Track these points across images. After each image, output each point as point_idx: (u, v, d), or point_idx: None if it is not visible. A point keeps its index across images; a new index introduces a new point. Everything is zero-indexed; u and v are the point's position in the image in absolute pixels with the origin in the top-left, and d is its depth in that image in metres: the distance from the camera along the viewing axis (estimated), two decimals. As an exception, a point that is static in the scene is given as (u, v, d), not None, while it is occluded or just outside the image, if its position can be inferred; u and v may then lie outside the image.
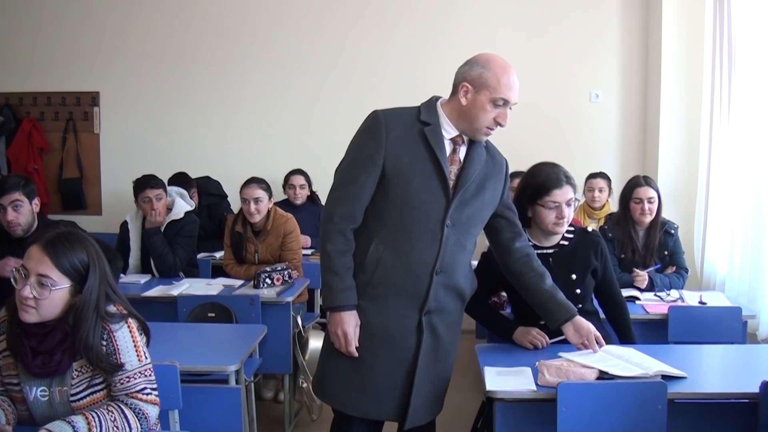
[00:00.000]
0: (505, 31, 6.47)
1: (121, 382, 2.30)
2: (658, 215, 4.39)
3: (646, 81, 6.37)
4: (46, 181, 6.86)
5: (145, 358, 2.36)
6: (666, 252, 4.42)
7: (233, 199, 6.25)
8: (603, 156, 6.47)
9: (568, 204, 3.14)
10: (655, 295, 4.10)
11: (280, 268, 4.40)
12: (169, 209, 4.87)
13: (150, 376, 2.36)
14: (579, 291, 3.21)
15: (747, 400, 2.66)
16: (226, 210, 6.19)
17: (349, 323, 2.66)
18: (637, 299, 4.06)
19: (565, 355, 2.82)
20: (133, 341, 2.32)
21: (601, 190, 5.66)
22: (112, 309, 2.33)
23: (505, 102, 2.61)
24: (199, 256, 5.24)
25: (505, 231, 2.91)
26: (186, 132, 6.78)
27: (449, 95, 2.74)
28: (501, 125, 2.64)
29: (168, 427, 2.76)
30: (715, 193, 5.29)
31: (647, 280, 4.22)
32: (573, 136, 6.47)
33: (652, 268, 4.25)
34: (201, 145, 6.75)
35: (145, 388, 2.33)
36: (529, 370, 2.78)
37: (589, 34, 6.43)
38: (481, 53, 2.70)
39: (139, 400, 2.31)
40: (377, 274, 2.67)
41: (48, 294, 2.21)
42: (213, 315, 4.06)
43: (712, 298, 4.18)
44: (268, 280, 4.34)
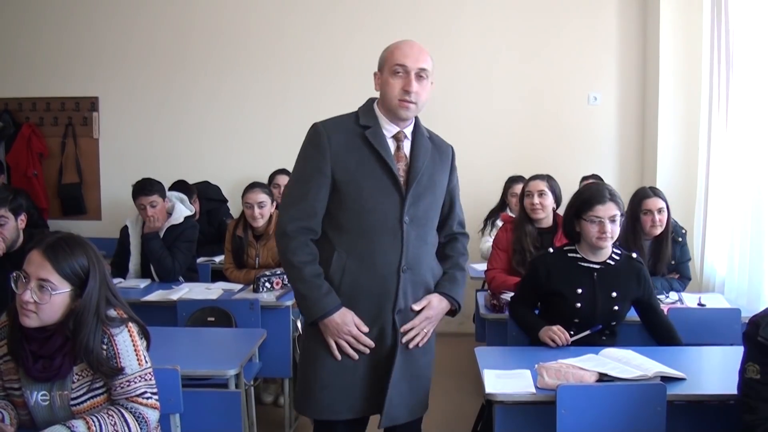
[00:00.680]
0: (504, 35, 6.48)
1: (121, 386, 2.30)
2: (667, 226, 4.36)
3: (645, 83, 6.38)
4: (45, 186, 6.86)
5: (146, 362, 2.36)
6: (673, 261, 4.41)
7: (232, 204, 6.26)
8: (601, 158, 6.49)
9: (612, 220, 3.22)
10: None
11: (279, 272, 4.40)
12: (169, 214, 4.87)
13: (150, 380, 2.36)
14: (617, 308, 3.31)
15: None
16: (226, 215, 6.19)
17: (347, 322, 2.64)
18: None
19: (564, 360, 2.83)
20: (134, 345, 2.33)
21: None
22: (113, 313, 2.34)
23: (403, 68, 2.62)
24: (198, 261, 5.24)
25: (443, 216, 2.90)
26: (185, 137, 6.79)
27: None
28: (407, 91, 2.59)
29: (169, 431, 2.76)
30: (714, 195, 5.29)
31: None
32: (572, 139, 6.49)
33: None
34: (200, 150, 6.76)
35: (145, 392, 2.33)
36: (528, 372, 2.79)
37: (588, 37, 6.44)
38: None
39: (140, 404, 2.31)
40: (344, 282, 2.65)
41: (48, 298, 2.21)
42: (213, 319, 4.06)
43: (712, 300, 4.18)
44: (267, 284, 4.35)
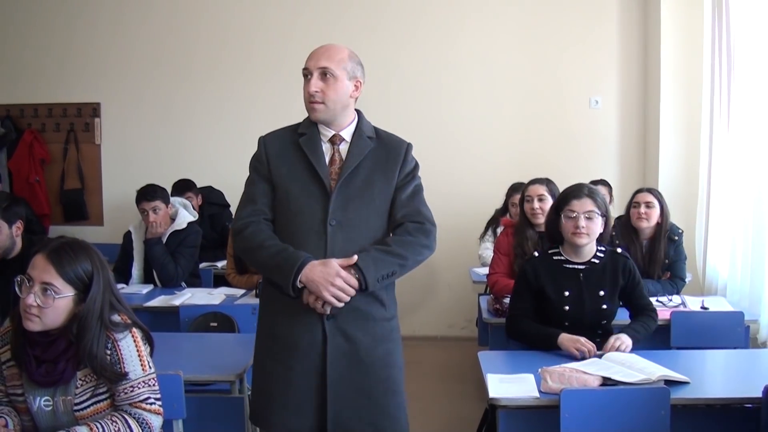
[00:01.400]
0: (505, 39, 6.49)
1: (125, 391, 2.30)
2: (660, 226, 4.41)
3: (646, 86, 6.38)
4: (47, 192, 6.86)
5: (149, 367, 2.36)
6: (667, 260, 4.43)
7: (234, 209, 6.26)
8: (603, 162, 6.48)
9: (588, 216, 3.25)
10: (657, 300, 4.08)
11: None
12: (172, 219, 4.87)
13: (154, 385, 2.36)
14: (605, 307, 3.31)
15: (750, 405, 2.67)
16: (228, 220, 6.19)
17: (330, 265, 2.52)
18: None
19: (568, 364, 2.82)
20: (137, 351, 2.33)
21: None
22: (117, 318, 2.34)
23: (307, 70, 2.67)
24: (201, 266, 5.24)
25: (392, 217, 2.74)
26: (187, 142, 6.79)
27: None
28: (309, 93, 2.63)
29: (172, 437, 2.77)
30: (716, 198, 5.29)
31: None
32: (573, 142, 6.48)
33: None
34: (203, 154, 6.76)
35: (148, 398, 2.33)
36: (531, 377, 2.79)
37: (589, 40, 6.44)
38: None
39: (143, 409, 2.31)
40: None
41: (51, 302, 2.22)
42: (215, 324, 4.05)
43: (714, 303, 4.18)
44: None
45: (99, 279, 2.29)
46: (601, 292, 3.29)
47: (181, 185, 5.89)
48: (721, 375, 3.17)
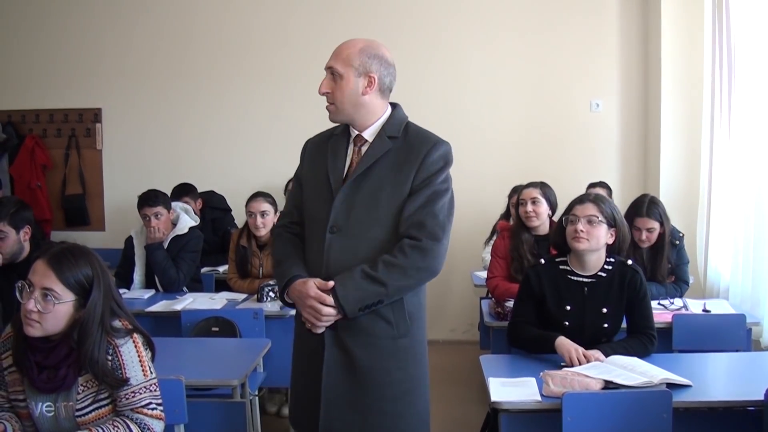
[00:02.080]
0: (505, 41, 6.49)
1: (126, 397, 2.30)
2: (660, 240, 4.35)
3: (647, 89, 6.39)
4: (49, 197, 6.86)
5: (150, 373, 2.36)
6: (670, 265, 4.41)
7: (237, 213, 6.26)
8: (604, 165, 6.48)
9: (589, 221, 3.15)
10: (659, 303, 4.08)
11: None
12: (173, 224, 4.88)
13: (155, 391, 2.37)
14: (606, 326, 3.18)
15: (752, 408, 2.66)
16: (230, 224, 6.20)
17: (308, 286, 2.46)
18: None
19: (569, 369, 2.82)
20: (139, 356, 2.33)
21: None
22: (118, 324, 2.34)
23: (328, 68, 2.57)
24: (202, 271, 5.25)
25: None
26: (189, 147, 6.79)
27: None
28: (321, 94, 2.56)
29: (174, 442, 2.77)
30: (717, 201, 5.29)
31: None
32: (574, 146, 6.48)
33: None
34: (204, 159, 6.76)
35: (150, 403, 2.33)
36: (533, 380, 2.79)
37: (590, 44, 6.44)
38: None
39: (145, 415, 2.31)
40: None
41: (52, 308, 2.22)
42: (217, 329, 4.05)
43: (716, 306, 4.18)
44: (271, 293, 4.34)
45: (99, 284, 2.29)
46: (604, 310, 3.17)
47: (179, 190, 5.89)
48: (723, 378, 3.16)
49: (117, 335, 2.31)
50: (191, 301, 4.41)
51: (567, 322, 3.17)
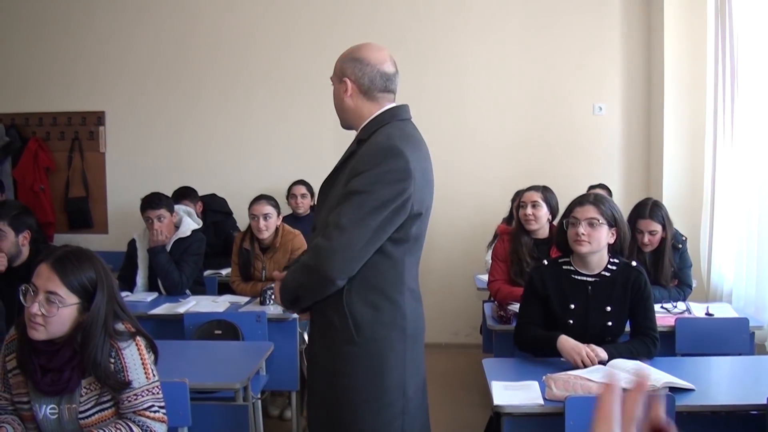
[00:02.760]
0: (508, 45, 6.50)
1: (128, 399, 2.31)
2: (662, 244, 4.36)
3: (650, 92, 6.39)
4: (52, 200, 6.88)
5: (153, 375, 2.37)
6: (673, 268, 4.41)
7: (239, 216, 6.27)
8: (607, 168, 6.48)
9: (590, 223, 3.13)
10: (662, 307, 4.08)
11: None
12: (176, 227, 4.88)
13: (158, 393, 2.37)
14: (610, 324, 3.16)
15: (755, 412, 2.66)
16: (232, 227, 6.20)
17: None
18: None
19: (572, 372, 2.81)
20: (141, 359, 2.33)
21: None
22: (121, 327, 2.34)
23: None
24: (205, 274, 5.25)
25: None
26: (191, 150, 6.80)
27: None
28: None
29: (177, 445, 2.77)
30: (720, 204, 5.28)
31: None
32: (577, 149, 6.48)
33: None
34: (206, 162, 6.77)
35: (152, 406, 2.33)
36: (536, 384, 2.78)
37: (592, 47, 6.45)
38: None
39: (147, 417, 2.32)
40: None
41: (56, 311, 2.22)
42: (219, 332, 4.05)
43: (719, 310, 4.17)
44: (274, 296, 4.34)
45: (103, 288, 2.30)
46: (608, 308, 3.15)
47: (178, 193, 5.88)
48: (726, 382, 3.16)
49: (120, 338, 2.32)
50: (194, 304, 4.41)
51: (571, 321, 3.16)
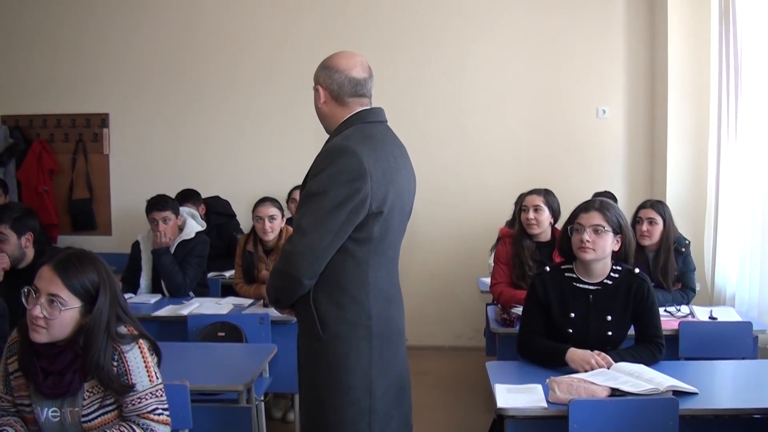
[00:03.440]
0: (512, 49, 6.49)
1: (132, 402, 2.30)
2: (665, 240, 4.38)
3: (653, 96, 6.37)
4: (56, 201, 6.89)
5: (156, 378, 2.36)
6: (676, 272, 4.41)
7: (242, 219, 6.27)
8: (610, 171, 6.47)
9: (595, 230, 3.11)
10: (665, 311, 4.07)
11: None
12: (180, 229, 4.89)
13: (161, 396, 2.37)
14: (611, 333, 3.14)
15: (759, 416, 2.65)
16: (236, 229, 6.20)
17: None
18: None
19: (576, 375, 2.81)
20: (144, 362, 2.33)
21: None
22: (123, 330, 2.34)
23: None
24: (208, 276, 5.24)
25: None
26: (195, 152, 6.80)
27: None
28: None
29: (179, 447, 2.76)
30: (724, 208, 5.26)
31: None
32: (580, 152, 6.47)
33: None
34: (210, 164, 6.77)
35: (156, 409, 2.33)
36: (540, 387, 2.78)
37: (596, 50, 6.43)
38: None
39: (151, 420, 2.31)
40: None
41: (58, 314, 2.22)
42: (223, 334, 4.06)
43: (723, 313, 4.15)
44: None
45: (105, 291, 2.30)
46: (609, 317, 3.13)
47: (182, 195, 5.88)
48: (729, 386, 3.14)
49: (122, 341, 2.31)
50: (197, 306, 4.42)
51: (571, 330, 3.14)
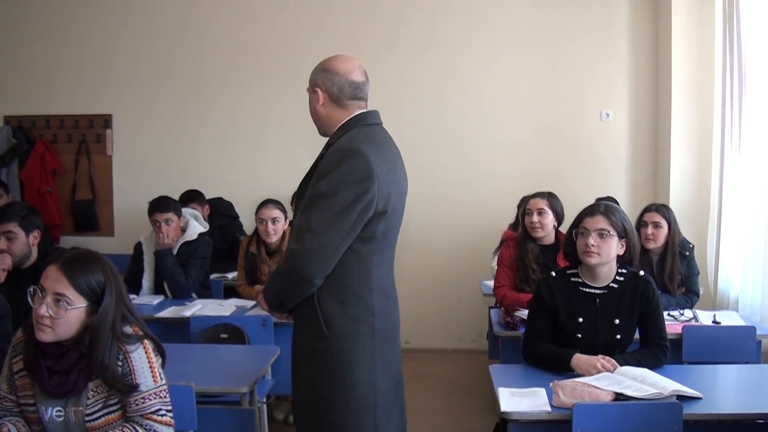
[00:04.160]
0: (515, 51, 6.48)
1: (136, 403, 2.30)
2: (668, 244, 4.38)
3: (657, 99, 6.37)
4: (58, 202, 6.88)
5: (161, 379, 2.37)
6: (680, 276, 4.41)
7: (245, 220, 6.27)
8: (614, 174, 6.46)
9: (600, 235, 3.11)
10: (668, 314, 4.07)
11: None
12: (183, 230, 4.89)
13: (165, 397, 2.37)
14: (619, 337, 3.14)
15: (762, 421, 2.65)
16: (239, 231, 6.20)
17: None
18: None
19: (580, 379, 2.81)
20: (149, 363, 2.33)
21: None
22: (128, 330, 2.34)
23: None
24: (211, 277, 5.24)
25: None
26: (198, 153, 6.80)
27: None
28: None
29: (182, 448, 2.76)
30: (727, 212, 5.26)
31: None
32: (584, 155, 6.46)
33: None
34: (213, 166, 6.77)
35: (160, 410, 2.33)
36: (543, 390, 2.78)
37: (600, 53, 6.43)
38: None
39: (154, 421, 2.31)
40: None
41: (64, 313, 2.22)
42: (225, 336, 4.06)
43: (726, 318, 4.16)
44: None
45: (111, 290, 2.30)
46: (617, 321, 3.12)
47: (185, 196, 5.89)
48: (733, 390, 3.14)
49: (128, 341, 2.32)
50: (200, 308, 4.42)
51: (579, 335, 3.13)
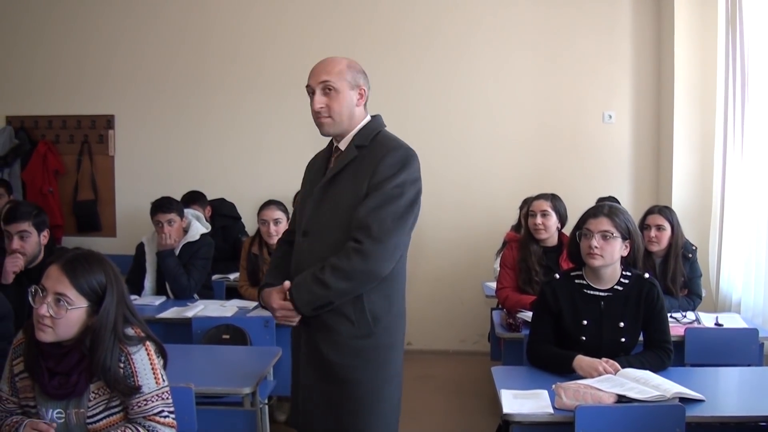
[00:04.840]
0: (518, 53, 6.48)
1: (138, 404, 2.30)
2: (672, 246, 4.38)
3: (660, 101, 6.36)
4: (60, 203, 6.89)
5: (163, 381, 2.36)
6: (683, 278, 4.41)
7: (247, 221, 6.27)
8: (616, 176, 6.46)
9: (603, 236, 3.09)
10: (671, 317, 4.06)
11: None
12: (185, 231, 4.89)
13: (167, 399, 2.36)
14: (624, 340, 3.13)
15: (764, 423, 2.65)
16: (241, 232, 6.20)
17: (265, 297, 2.74)
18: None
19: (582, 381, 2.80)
20: (151, 364, 2.33)
21: None
22: (130, 332, 2.34)
23: (309, 88, 2.69)
24: (213, 278, 5.25)
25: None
26: (200, 154, 6.81)
27: None
28: (314, 110, 2.67)
29: (183, 450, 2.75)
30: (729, 214, 5.26)
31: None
32: (586, 157, 6.46)
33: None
34: (215, 167, 6.78)
35: (162, 411, 2.33)
36: (546, 392, 2.77)
37: (602, 55, 6.43)
38: None
39: (157, 422, 2.31)
40: None
41: (64, 313, 2.22)
42: (227, 337, 4.05)
43: (728, 320, 4.15)
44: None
45: (113, 291, 2.29)
46: (621, 324, 3.11)
47: (187, 197, 5.89)
48: (735, 393, 3.14)
49: (129, 343, 2.31)
50: (202, 309, 4.42)
51: (584, 338, 3.12)
